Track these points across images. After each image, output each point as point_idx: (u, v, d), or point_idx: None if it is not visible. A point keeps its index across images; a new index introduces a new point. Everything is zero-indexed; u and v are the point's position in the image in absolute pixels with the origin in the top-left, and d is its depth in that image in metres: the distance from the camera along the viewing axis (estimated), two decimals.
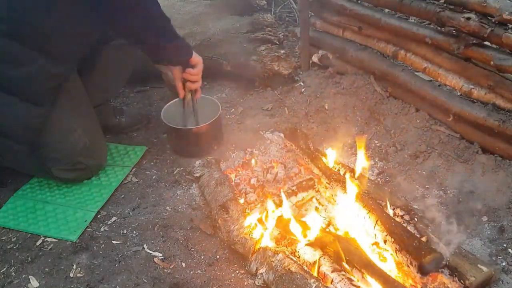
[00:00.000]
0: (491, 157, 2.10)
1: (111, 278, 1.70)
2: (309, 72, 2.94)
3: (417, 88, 2.36)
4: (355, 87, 2.65)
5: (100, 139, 2.19)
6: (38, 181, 2.16)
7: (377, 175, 2.16)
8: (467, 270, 1.55)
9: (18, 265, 1.77)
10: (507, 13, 1.83)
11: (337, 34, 2.83)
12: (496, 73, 2.04)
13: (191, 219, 1.95)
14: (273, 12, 3.65)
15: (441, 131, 2.29)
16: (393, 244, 1.59)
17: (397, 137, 2.33)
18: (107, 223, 1.95)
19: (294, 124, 2.49)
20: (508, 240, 1.78)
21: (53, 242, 1.86)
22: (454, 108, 2.20)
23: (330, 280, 1.52)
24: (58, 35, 1.84)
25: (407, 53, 2.44)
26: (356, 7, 2.59)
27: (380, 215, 1.68)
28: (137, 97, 2.85)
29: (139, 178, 2.20)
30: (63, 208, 2.01)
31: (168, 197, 2.07)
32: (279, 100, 2.75)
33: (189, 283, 1.68)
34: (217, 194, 1.94)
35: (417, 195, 2.02)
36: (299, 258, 1.65)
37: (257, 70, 2.81)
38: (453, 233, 1.82)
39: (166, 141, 2.40)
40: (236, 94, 2.86)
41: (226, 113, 2.67)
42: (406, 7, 2.26)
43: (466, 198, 1.97)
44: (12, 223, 1.95)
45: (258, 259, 1.66)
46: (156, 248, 1.82)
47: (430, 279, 1.59)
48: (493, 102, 2.09)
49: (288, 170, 2.16)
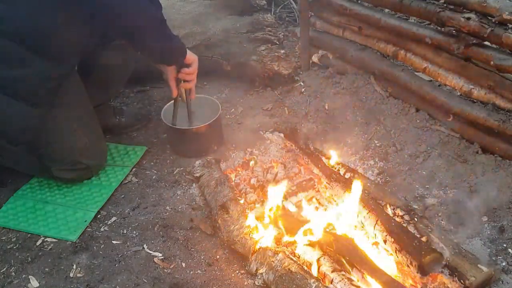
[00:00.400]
0: (491, 157, 2.10)
1: (111, 278, 1.70)
2: (309, 72, 2.93)
3: (417, 88, 2.36)
4: (355, 87, 2.65)
5: (100, 139, 2.19)
6: (38, 181, 2.16)
7: (377, 175, 2.15)
8: (467, 270, 1.54)
9: (18, 265, 1.77)
10: (507, 13, 1.83)
11: (337, 34, 2.82)
12: (496, 73, 2.04)
13: (191, 219, 1.95)
14: (273, 12, 3.64)
15: (441, 131, 2.29)
16: (393, 244, 1.59)
17: (397, 137, 2.33)
18: (107, 223, 1.95)
19: (294, 124, 2.49)
20: (508, 240, 1.78)
21: (53, 242, 1.86)
22: (454, 108, 2.20)
23: (330, 280, 1.52)
24: (57, 37, 1.83)
25: (407, 53, 2.44)
26: (356, 7, 2.59)
27: (380, 215, 1.68)
28: (137, 97, 2.85)
29: (139, 178, 2.19)
30: (63, 208, 2.01)
31: (168, 197, 2.07)
32: (279, 100, 2.75)
33: (189, 283, 1.68)
34: (217, 194, 1.94)
35: (417, 195, 2.02)
36: (299, 258, 1.65)
37: (257, 70, 2.81)
38: (453, 233, 1.82)
39: (166, 141, 2.40)
40: (236, 94, 2.86)
41: (226, 113, 2.66)
42: (406, 7, 2.26)
43: (466, 198, 1.97)
44: (12, 223, 1.95)
45: (258, 259, 1.66)
46: (156, 248, 1.82)
47: (430, 279, 1.59)
48: (493, 102, 2.09)
49: (288, 170, 2.16)
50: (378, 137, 2.38)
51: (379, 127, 2.43)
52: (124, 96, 2.84)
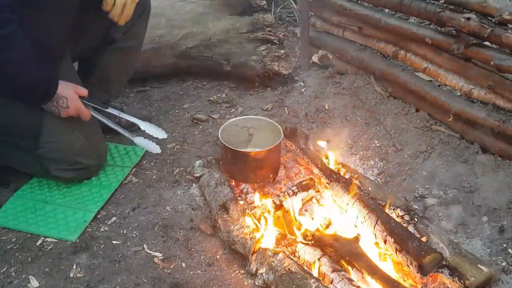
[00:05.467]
0: (491, 157, 2.10)
1: (111, 278, 1.70)
2: (309, 72, 2.94)
3: (417, 88, 2.36)
4: (355, 87, 2.65)
5: (99, 139, 2.19)
6: (38, 181, 2.16)
7: (377, 175, 2.16)
8: (467, 270, 1.54)
9: (18, 265, 1.77)
10: (507, 13, 1.83)
11: (337, 34, 2.83)
12: (496, 73, 2.04)
13: (191, 219, 1.95)
14: (273, 12, 3.64)
15: (441, 131, 2.29)
16: (393, 244, 1.59)
17: (397, 137, 2.33)
18: (107, 223, 1.95)
19: (294, 124, 2.49)
20: (508, 240, 1.78)
21: (53, 242, 1.86)
22: (454, 108, 2.20)
23: (330, 280, 1.52)
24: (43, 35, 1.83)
25: (407, 53, 2.44)
26: (356, 7, 2.59)
27: (380, 215, 1.68)
28: (137, 97, 2.85)
29: (139, 178, 2.19)
30: (62, 208, 2.01)
31: (168, 197, 2.07)
32: (279, 100, 2.75)
33: (189, 283, 1.68)
34: (217, 194, 1.94)
35: (417, 195, 2.02)
36: (299, 258, 1.65)
37: (257, 70, 2.81)
38: (453, 233, 1.82)
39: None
40: (236, 94, 2.86)
41: (226, 113, 2.67)
42: (406, 7, 2.26)
43: (466, 198, 1.97)
44: (12, 223, 1.95)
45: (258, 259, 1.66)
46: (156, 248, 1.82)
47: (430, 279, 1.59)
48: (493, 102, 2.09)
49: (288, 170, 2.16)
50: (378, 137, 2.38)
51: (379, 127, 2.43)
52: (124, 96, 2.84)
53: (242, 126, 2.20)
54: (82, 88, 1.99)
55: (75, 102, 1.93)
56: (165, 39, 2.85)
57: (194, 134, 2.51)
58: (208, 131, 2.52)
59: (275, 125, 2.14)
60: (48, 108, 1.91)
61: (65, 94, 1.90)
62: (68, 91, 1.91)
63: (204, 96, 2.86)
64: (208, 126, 2.57)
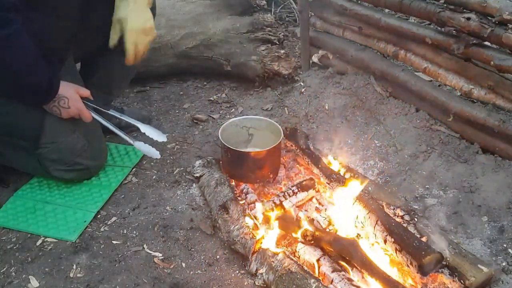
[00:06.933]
0: (491, 157, 2.10)
1: (111, 278, 1.70)
2: (309, 72, 2.94)
3: (417, 88, 2.36)
4: (355, 87, 2.65)
5: (99, 140, 2.19)
6: (38, 181, 2.16)
7: (377, 175, 2.16)
8: (467, 270, 1.54)
9: (18, 265, 1.77)
10: (507, 13, 1.83)
11: (337, 34, 2.82)
12: (496, 73, 2.04)
13: (191, 219, 1.95)
14: (273, 12, 3.64)
15: (441, 131, 2.29)
16: (393, 244, 1.59)
17: (397, 137, 2.33)
18: (107, 223, 1.95)
19: (294, 124, 2.49)
20: (508, 240, 1.78)
21: (53, 242, 1.86)
22: (454, 108, 2.20)
23: (330, 280, 1.52)
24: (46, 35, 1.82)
25: (407, 53, 2.44)
26: (356, 7, 2.59)
27: (380, 215, 1.68)
28: (137, 97, 2.85)
29: (139, 178, 2.19)
30: (62, 208, 2.01)
31: (168, 197, 2.07)
32: (279, 100, 2.75)
33: (189, 283, 1.68)
34: (217, 194, 1.94)
35: (417, 195, 2.02)
36: (299, 258, 1.65)
37: (257, 70, 2.81)
38: (453, 233, 1.82)
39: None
40: (236, 94, 2.86)
41: (226, 113, 2.67)
42: (406, 7, 2.26)
43: (466, 198, 1.97)
44: (12, 223, 1.95)
45: (258, 259, 1.66)
46: (156, 248, 1.82)
47: (430, 279, 1.59)
48: (493, 102, 2.09)
49: (288, 170, 2.16)
50: (378, 137, 2.38)
51: (379, 127, 2.43)
52: (124, 96, 2.84)
53: (242, 126, 2.20)
54: (84, 89, 1.99)
55: (77, 102, 1.93)
56: (165, 39, 2.85)
57: (194, 134, 2.51)
58: (208, 131, 2.52)
59: (275, 125, 2.14)
60: (49, 109, 1.91)
61: (66, 94, 1.89)
62: (69, 91, 1.91)
63: (204, 96, 2.86)
64: (208, 126, 2.57)
